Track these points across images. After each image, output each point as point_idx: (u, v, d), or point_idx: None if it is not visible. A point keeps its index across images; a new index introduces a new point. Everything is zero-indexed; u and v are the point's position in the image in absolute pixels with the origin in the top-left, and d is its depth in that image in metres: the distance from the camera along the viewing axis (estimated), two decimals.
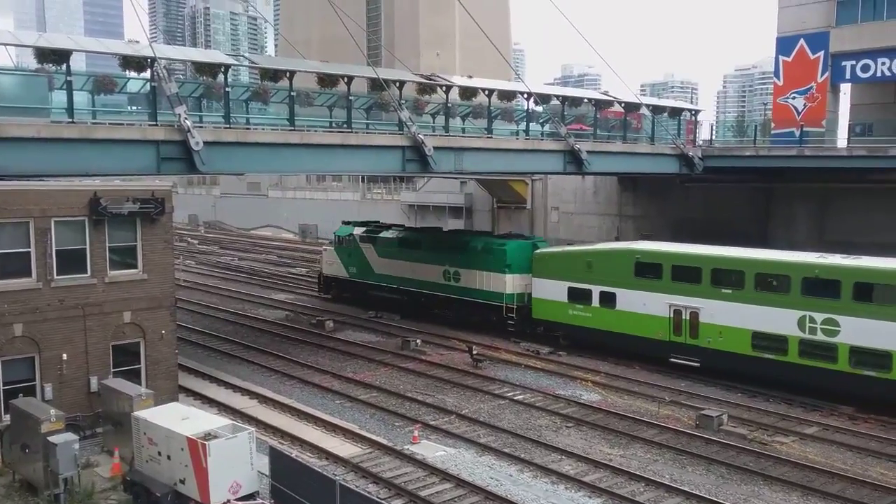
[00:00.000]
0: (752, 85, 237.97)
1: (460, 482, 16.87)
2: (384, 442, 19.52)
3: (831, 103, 41.67)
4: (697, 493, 16.50)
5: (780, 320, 23.48)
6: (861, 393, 22.02)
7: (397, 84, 25.86)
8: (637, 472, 17.60)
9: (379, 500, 14.28)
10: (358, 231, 39.22)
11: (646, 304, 26.83)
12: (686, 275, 26.07)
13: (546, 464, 18.14)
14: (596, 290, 28.32)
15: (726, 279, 25.14)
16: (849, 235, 38.28)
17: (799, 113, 41.27)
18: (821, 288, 22.87)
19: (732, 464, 18.22)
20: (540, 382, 25.46)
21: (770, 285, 24.21)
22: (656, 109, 35.08)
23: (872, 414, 21.57)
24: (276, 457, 15.49)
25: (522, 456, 18.66)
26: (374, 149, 24.72)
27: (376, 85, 25.51)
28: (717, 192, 42.86)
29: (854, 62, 40.33)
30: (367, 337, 32.60)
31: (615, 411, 22.21)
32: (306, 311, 38.35)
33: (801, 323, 23.13)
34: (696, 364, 25.56)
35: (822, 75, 40.84)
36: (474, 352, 27.88)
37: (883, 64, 39.47)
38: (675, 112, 35.79)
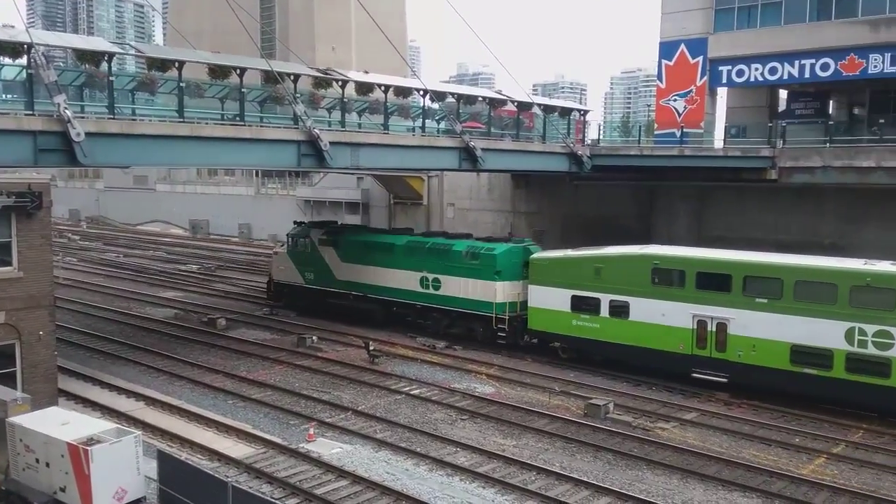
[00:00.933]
0: (637, 87, 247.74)
1: (356, 479, 16.89)
2: (279, 441, 19.28)
3: (709, 106, 44.04)
4: (586, 479, 17.15)
5: (825, 333, 21.45)
6: None
7: (292, 77, 25.48)
8: (529, 462, 18.12)
9: (272, 501, 14.12)
10: (316, 233, 35.46)
11: (665, 315, 24.38)
12: (713, 282, 23.72)
13: (441, 457, 18.40)
14: (605, 298, 25.71)
15: (761, 287, 22.90)
16: (724, 231, 40.60)
17: (680, 115, 43.39)
18: (872, 297, 20.97)
19: (618, 450, 19.03)
20: (436, 376, 25.75)
21: (813, 294, 21.96)
22: (547, 109, 36.04)
23: (745, 399, 23.00)
24: (164, 460, 15.04)
25: (418, 450, 18.85)
26: (268, 143, 24.27)
27: (270, 78, 25.06)
28: (605, 189, 44.53)
29: (730, 67, 42.75)
30: (261, 335, 32.00)
31: (508, 403, 22.75)
32: (197, 308, 37.23)
33: (848, 336, 21.21)
34: (722, 379, 23.41)
35: (700, 79, 43.07)
36: (371, 347, 27.89)
37: (756, 70, 42.01)
38: (565, 112, 36.88)
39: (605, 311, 25.78)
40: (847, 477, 17.53)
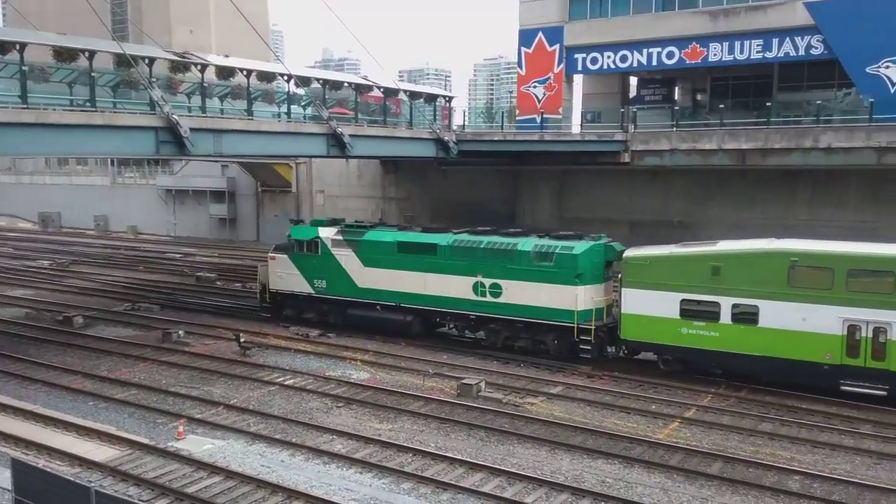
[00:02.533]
0: (500, 74, 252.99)
1: (230, 474, 16.60)
2: (146, 441, 18.59)
3: (566, 93, 45.90)
4: (460, 457, 17.65)
5: None
6: None
7: (146, 61, 24.39)
8: (405, 444, 18.43)
9: (136, 503, 13.66)
10: (327, 233, 30.01)
11: (805, 320, 21.03)
12: (869, 282, 20.55)
13: (318, 445, 18.38)
14: (727, 302, 22.07)
15: None
16: (581, 212, 42.58)
17: (539, 101, 44.93)
18: None
19: (490, 427, 19.68)
20: (310, 365, 25.59)
21: None
22: (413, 95, 36.36)
23: (606, 371, 24.34)
24: (19, 469, 14.18)
25: (294, 440, 18.73)
26: (123, 129, 23.19)
27: (123, 61, 23.88)
28: (472, 174, 45.51)
29: (585, 55, 44.65)
30: (122, 331, 30.56)
31: (383, 387, 22.98)
32: (50, 307, 35.02)
33: None
34: (881, 393, 20.51)
35: (558, 66, 44.75)
36: (242, 339, 27.30)
37: (609, 57, 44.09)
38: (431, 98, 37.34)
39: (726, 317, 22.12)
40: (698, 438, 18.94)
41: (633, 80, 51.26)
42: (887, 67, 36.85)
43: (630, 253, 24.30)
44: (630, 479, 16.45)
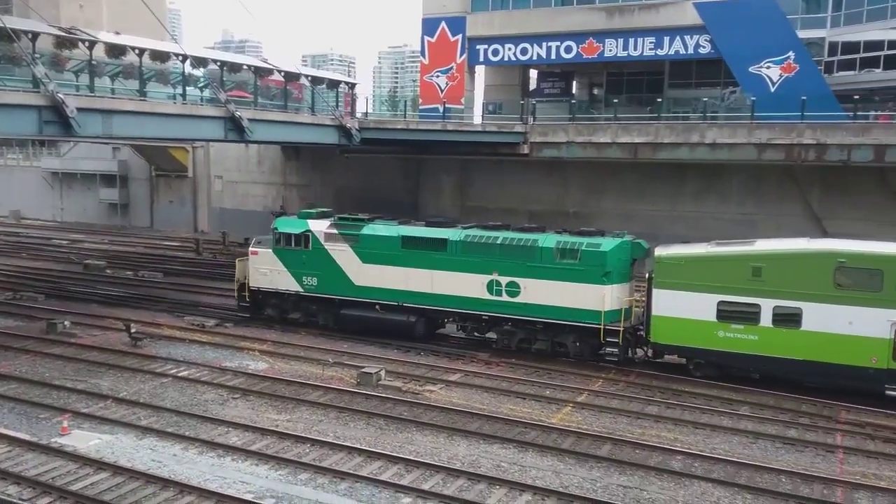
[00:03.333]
0: (404, 62, 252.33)
1: (118, 469, 16.05)
2: (27, 438, 17.72)
3: (469, 83, 46.39)
4: (359, 446, 17.68)
5: None
6: None
7: (29, 35, 23.04)
8: (303, 435, 18.31)
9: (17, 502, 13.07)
10: (319, 226, 27.60)
11: (852, 323, 20.41)
12: None
13: (212, 438, 18.01)
14: (767, 304, 21.26)
15: None
16: (483, 202, 43.24)
17: (442, 91, 45.19)
18: None
19: (390, 415, 19.80)
20: (206, 356, 24.97)
21: None
22: (316, 80, 35.84)
23: (504, 358, 24.89)
24: None
25: (187, 433, 18.28)
26: (2, 108, 21.85)
27: (3, 35, 22.47)
28: (375, 162, 45.37)
29: (486, 46, 45.22)
30: (2, 322, 28.91)
31: (282, 378, 22.70)
32: None
33: None
34: None
35: (460, 57, 45.13)
36: (133, 330, 26.34)
37: (509, 49, 44.81)
38: (334, 84, 36.91)
39: (766, 319, 21.35)
40: (589, 422, 19.66)
41: (534, 73, 52.30)
42: (768, 67, 39.07)
43: (663, 252, 23.00)
44: (524, 463, 16.93)
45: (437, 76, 45.14)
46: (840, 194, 36.24)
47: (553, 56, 43.90)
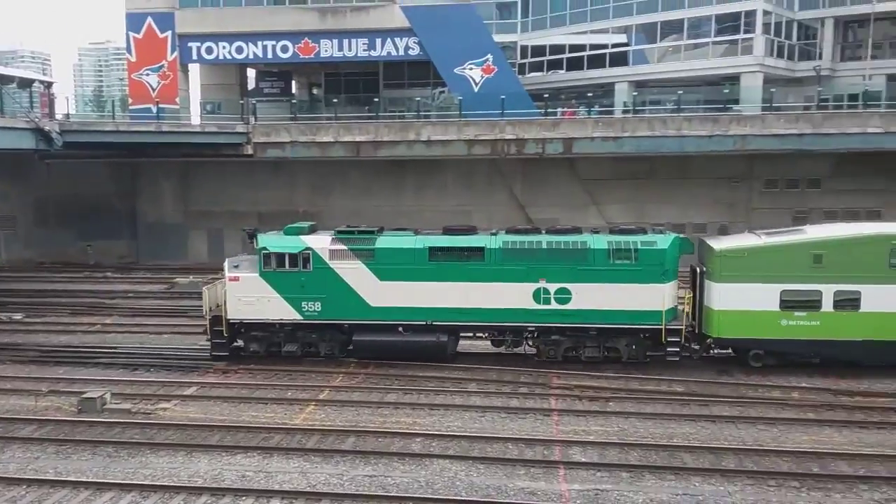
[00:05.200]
0: (109, 60, 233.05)
1: None
2: None
3: (183, 82, 44.32)
4: (85, 479, 16.32)
5: None
6: None
7: None
8: (16, 476, 16.45)
9: None
10: (321, 242, 23.94)
11: None
12: None
13: None
14: (828, 290, 21.86)
15: None
16: (209, 205, 41.79)
17: (154, 90, 42.70)
18: None
19: (119, 440, 18.47)
20: None
21: None
22: (3, 79, 32.04)
23: (241, 365, 24.37)
24: None
25: None
26: None
27: None
28: (84, 168, 41.72)
29: (199, 44, 43.55)
30: None
31: None
32: None
33: None
34: None
35: (171, 54, 42.97)
36: None
37: (224, 48, 43.59)
38: (26, 83, 33.29)
39: (828, 304, 21.97)
40: (332, 418, 19.99)
41: (252, 72, 51.35)
42: (471, 69, 42.27)
43: (722, 245, 22.96)
44: (270, 469, 16.81)
45: (148, 74, 42.47)
46: (539, 184, 40.44)
47: (270, 55, 43.45)
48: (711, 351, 23.74)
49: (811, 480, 15.87)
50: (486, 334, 24.51)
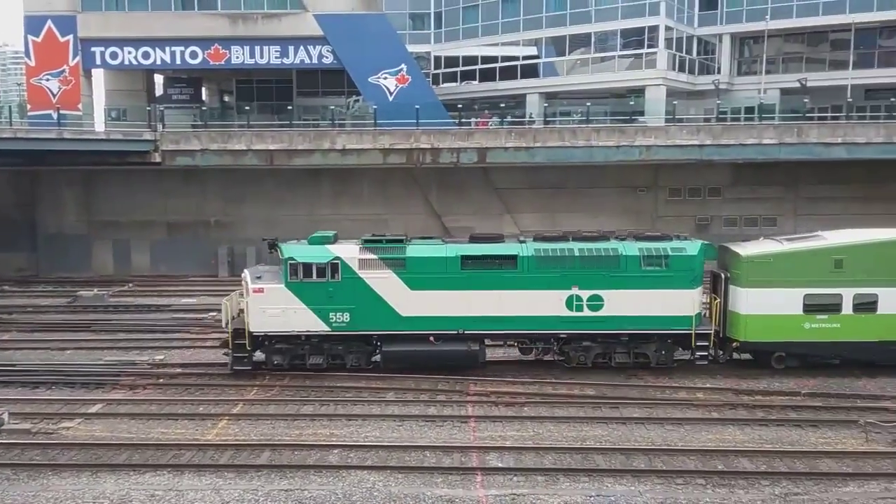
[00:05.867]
0: (6, 64, 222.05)
1: None
2: None
3: (86, 88, 42.72)
4: None
5: None
6: None
7: None
8: None
9: None
10: (349, 251, 23.26)
11: None
12: None
13: None
14: (848, 293, 22.76)
15: None
16: (115, 215, 40.37)
17: (55, 95, 41.05)
18: None
19: (18, 462, 17.60)
20: None
21: None
22: None
23: (150, 381, 23.59)
24: None
25: None
26: None
27: None
28: None
29: (103, 49, 42.10)
30: None
31: None
32: None
33: None
34: None
35: (73, 59, 41.41)
36: None
37: (130, 53, 42.27)
38: None
39: (847, 307, 22.84)
40: (246, 432, 19.56)
41: (160, 79, 49.91)
42: (385, 78, 42.35)
43: (748, 251, 23.48)
44: (181, 487, 16.32)
45: (48, 79, 40.71)
46: (455, 193, 40.83)
47: (178, 61, 42.33)
48: (736, 354, 24.17)
49: (716, 478, 16.59)
50: (516, 342, 24.67)
